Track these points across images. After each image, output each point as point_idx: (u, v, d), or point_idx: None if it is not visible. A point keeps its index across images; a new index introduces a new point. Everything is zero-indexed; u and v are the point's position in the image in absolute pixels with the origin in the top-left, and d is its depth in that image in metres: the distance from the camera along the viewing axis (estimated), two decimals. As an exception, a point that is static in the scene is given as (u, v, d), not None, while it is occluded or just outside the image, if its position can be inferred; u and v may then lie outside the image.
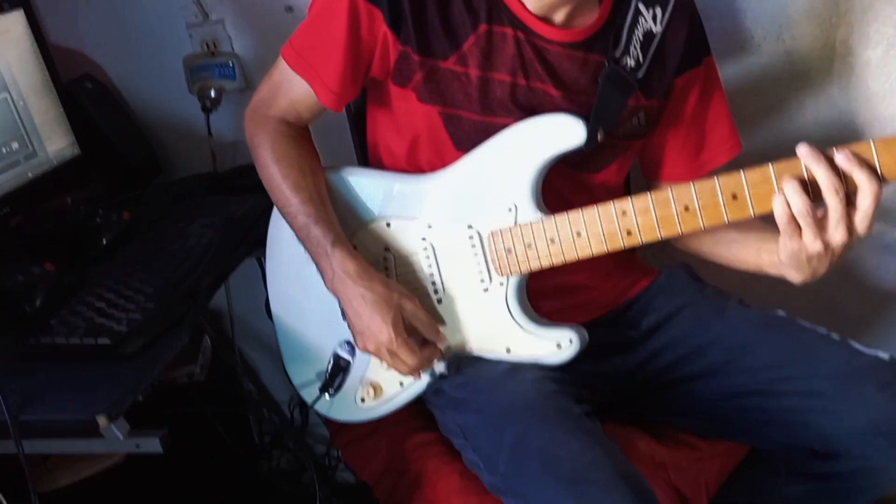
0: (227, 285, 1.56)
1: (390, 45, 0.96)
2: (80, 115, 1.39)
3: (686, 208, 0.88)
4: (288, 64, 1.02)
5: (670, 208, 0.89)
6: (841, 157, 0.81)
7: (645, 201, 0.90)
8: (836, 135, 1.30)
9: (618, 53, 0.96)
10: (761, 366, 0.97)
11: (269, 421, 1.70)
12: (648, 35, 0.97)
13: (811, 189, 0.83)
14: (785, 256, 0.88)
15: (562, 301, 1.05)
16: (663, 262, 1.17)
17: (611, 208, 0.91)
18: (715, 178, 0.86)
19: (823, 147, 0.85)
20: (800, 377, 0.95)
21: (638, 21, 0.97)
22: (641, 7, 0.97)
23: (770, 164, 0.85)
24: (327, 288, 0.99)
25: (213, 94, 1.45)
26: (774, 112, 1.32)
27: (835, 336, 0.98)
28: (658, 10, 0.97)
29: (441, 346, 1.00)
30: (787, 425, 0.96)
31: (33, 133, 1.30)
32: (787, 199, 0.82)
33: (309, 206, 0.99)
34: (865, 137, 1.27)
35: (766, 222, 0.90)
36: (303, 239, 1.00)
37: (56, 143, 1.34)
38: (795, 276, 0.90)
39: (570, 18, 0.96)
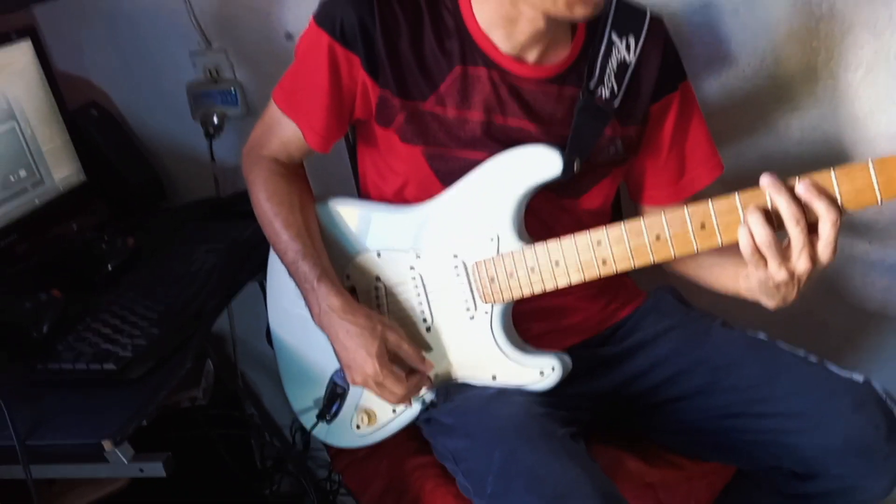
0: (230, 309, 1.59)
1: (370, 89, 1.00)
2: (86, 142, 1.43)
3: (657, 237, 0.91)
4: (277, 106, 1.07)
5: (643, 237, 0.91)
6: (801, 187, 0.83)
7: (618, 231, 0.93)
8: (824, 155, 1.33)
9: (592, 85, 0.99)
10: (744, 386, 1.00)
11: (270, 445, 1.72)
12: (623, 64, 1.00)
13: (775, 218, 0.85)
14: (754, 284, 0.90)
15: (550, 323, 1.08)
16: (655, 282, 1.20)
17: (587, 238, 0.94)
18: (684, 207, 0.89)
19: (805, 169, 0.86)
20: (780, 398, 0.97)
21: (612, 52, 1.00)
22: (615, 37, 1.00)
23: (736, 194, 0.87)
24: (315, 323, 1.02)
25: (215, 120, 1.50)
26: (762, 134, 1.35)
27: (812, 358, 1.01)
28: (631, 40, 1.00)
29: (429, 374, 1.03)
30: (768, 446, 0.99)
31: (40, 161, 1.34)
32: (751, 231, 0.84)
33: (297, 241, 1.02)
34: (852, 157, 1.32)
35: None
36: (292, 274, 1.03)
37: (62, 170, 1.38)
38: (768, 302, 0.93)
39: (542, 56, 1.00)
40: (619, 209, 1.25)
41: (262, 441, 1.70)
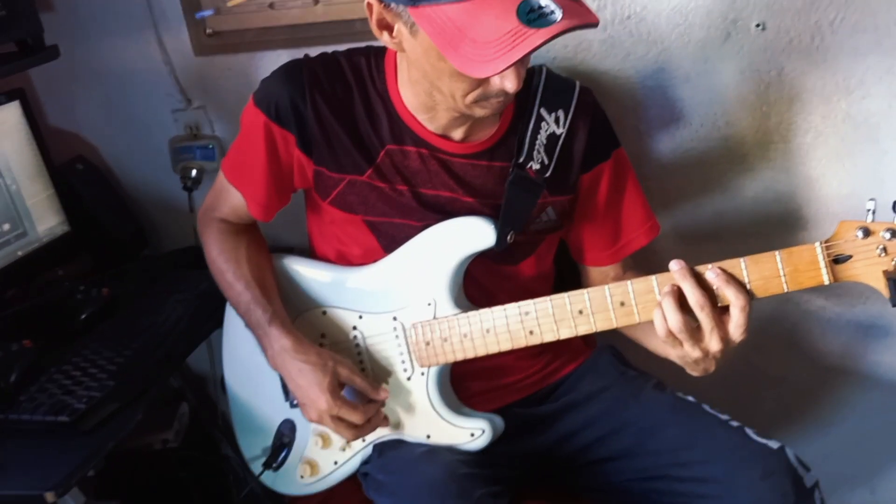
0: (211, 350, 1.64)
1: (305, 165, 1.06)
2: (71, 194, 1.50)
3: (580, 312, 0.95)
4: (224, 176, 1.13)
5: (566, 311, 0.96)
6: (711, 274, 0.87)
7: (545, 304, 0.97)
8: (777, 213, 1.36)
9: (521, 159, 1.03)
10: (666, 449, 1.03)
11: (247, 485, 1.75)
12: (552, 137, 1.04)
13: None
14: (674, 358, 0.94)
15: (489, 382, 1.12)
16: (607, 337, 1.22)
17: (516, 309, 0.98)
18: (606, 287, 0.94)
19: (759, 227, 0.82)
20: (697, 462, 1.00)
21: (540, 126, 1.04)
22: (544, 112, 1.04)
23: (654, 277, 0.91)
24: (271, 366, 1.06)
25: (194, 173, 1.56)
26: (716, 193, 1.37)
27: (734, 423, 1.03)
28: (561, 113, 1.05)
29: (385, 399, 1.03)
30: (687, 510, 1.00)
31: (25, 214, 1.41)
32: (664, 315, 0.88)
33: (248, 292, 1.07)
34: (805, 216, 1.35)
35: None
36: (249, 324, 1.08)
37: (47, 221, 1.45)
38: (690, 372, 0.96)
39: (468, 134, 1.04)
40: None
41: (238, 482, 1.73)
